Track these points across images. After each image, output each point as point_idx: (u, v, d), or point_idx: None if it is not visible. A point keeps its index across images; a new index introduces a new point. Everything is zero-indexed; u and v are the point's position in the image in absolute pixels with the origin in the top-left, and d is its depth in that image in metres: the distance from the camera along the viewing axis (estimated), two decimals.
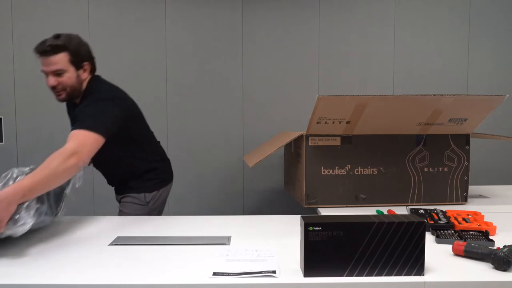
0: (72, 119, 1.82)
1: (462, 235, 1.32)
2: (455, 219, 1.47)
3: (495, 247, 1.12)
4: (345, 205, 1.80)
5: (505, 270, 1.05)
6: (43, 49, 1.61)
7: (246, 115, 2.83)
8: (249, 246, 1.26)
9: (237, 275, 1.03)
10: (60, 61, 1.62)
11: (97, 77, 1.79)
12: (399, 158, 1.81)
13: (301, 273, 1.04)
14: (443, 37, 2.96)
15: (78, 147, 1.43)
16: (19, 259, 1.17)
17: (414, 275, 1.02)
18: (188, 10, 2.88)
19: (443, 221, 1.45)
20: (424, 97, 1.70)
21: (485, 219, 1.49)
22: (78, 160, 1.40)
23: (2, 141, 2.85)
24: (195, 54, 2.89)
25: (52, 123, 2.86)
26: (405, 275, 1.02)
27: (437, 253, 1.19)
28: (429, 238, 1.32)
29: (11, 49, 2.82)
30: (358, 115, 1.69)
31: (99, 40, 2.87)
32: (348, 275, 1.02)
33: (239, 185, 2.95)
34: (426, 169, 1.82)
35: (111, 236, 1.38)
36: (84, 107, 1.62)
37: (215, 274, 1.04)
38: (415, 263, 1.02)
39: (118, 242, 1.33)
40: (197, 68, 2.88)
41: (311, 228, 1.01)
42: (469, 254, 1.14)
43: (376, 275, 1.01)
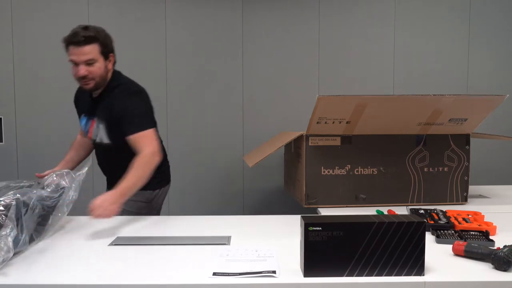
0: (86, 110, 1.85)
1: (462, 235, 1.32)
2: (455, 219, 1.47)
3: (495, 247, 1.12)
4: (345, 205, 1.80)
5: (505, 270, 1.05)
6: (78, 40, 1.66)
7: (246, 115, 2.83)
8: (249, 246, 1.26)
9: (237, 275, 1.03)
10: (92, 51, 1.68)
11: (117, 71, 1.86)
12: (399, 158, 1.81)
13: (301, 273, 1.04)
14: (443, 37, 2.95)
15: (152, 147, 1.64)
16: (18, 259, 1.17)
17: (414, 275, 1.02)
18: (188, 10, 2.88)
19: (443, 221, 1.45)
20: (424, 97, 1.70)
21: (485, 219, 1.49)
22: (158, 157, 1.65)
23: (2, 141, 2.85)
24: (195, 54, 2.89)
25: (52, 123, 2.86)
26: (405, 275, 1.02)
27: (437, 253, 1.19)
28: (429, 238, 1.31)
29: (11, 49, 2.82)
30: (358, 115, 1.69)
31: None
32: (348, 275, 1.02)
33: (239, 185, 2.95)
34: (426, 169, 1.82)
35: (111, 236, 1.38)
36: (122, 106, 1.71)
37: (215, 274, 1.04)
38: (415, 263, 1.02)
39: (118, 242, 1.33)
40: (197, 68, 2.88)
41: (311, 228, 1.01)
42: (469, 254, 1.14)
43: (376, 275, 1.01)
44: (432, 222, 1.44)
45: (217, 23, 2.90)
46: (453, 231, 1.36)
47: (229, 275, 1.03)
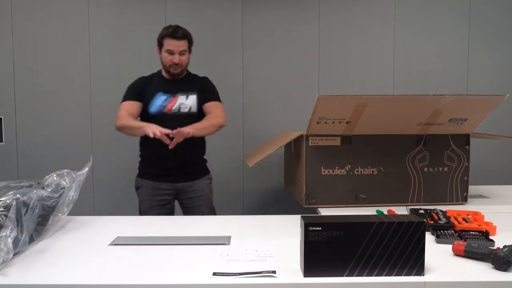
0: (164, 89, 2.23)
1: (462, 235, 1.31)
2: (455, 219, 1.47)
3: (495, 247, 1.12)
4: (345, 205, 1.79)
5: (505, 270, 1.05)
6: (177, 34, 2.16)
7: (246, 115, 2.83)
8: (249, 246, 1.26)
9: (237, 275, 1.03)
10: (184, 45, 2.18)
11: None
12: (399, 158, 1.81)
13: (301, 273, 1.04)
14: (443, 37, 2.96)
15: (224, 114, 2.25)
16: (18, 259, 1.17)
17: (414, 275, 1.02)
18: (188, 10, 2.88)
19: (443, 221, 1.44)
20: (424, 97, 1.70)
21: (485, 219, 1.49)
22: (224, 123, 2.23)
23: (2, 141, 2.85)
24: (195, 54, 2.87)
25: (52, 123, 2.86)
26: (405, 275, 1.02)
27: (437, 253, 1.19)
28: (429, 238, 1.31)
29: (11, 49, 2.82)
30: (358, 115, 1.69)
31: (99, 40, 2.87)
32: (348, 275, 1.02)
33: (239, 185, 2.95)
34: (426, 169, 1.82)
35: (111, 236, 1.38)
36: (209, 83, 2.32)
37: (215, 274, 1.04)
38: (415, 263, 1.02)
39: (118, 242, 1.32)
40: (197, 68, 2.87)
41: (311, 228, 1.01)
42: (469, 254, 1.14)
43: (376, 275, 1.01)
44: (432, 222, 1.44)
45: (217, 23, 2.90)
46: (453, 231, 1.36)
47: (229, 275, 1.03)
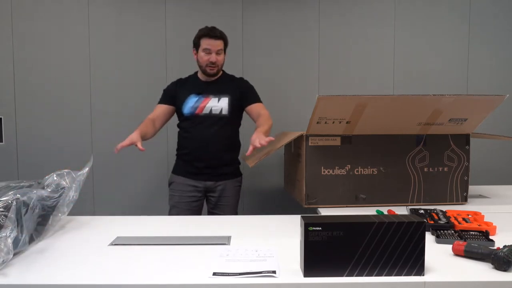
0: (197, 91, 2.28)
1: (462, 235, 1.32)
2: (455, 219, 1.47)
3: (495, 247, 1.12)
4: (345, 205, 1.79)
5: (505, 270, 1.05)
6: (215, 34, 2.22)
7: (246, 115, 2.82)
8: (249, 246, 1.26)
9: (237, 275, 1.03)
10: (221, 44, 2.24)
11: None
12: (399, 158, 1.81)
13: (301, 273, 1.04)
14: (443, 37, 2.95)
15: (268, 113, 2.25)
16: (18, 259, 1.17)
17: (414, 275, 1.02)
18: (188, 10, 2.88)
19: (443, 221, 1.45)
20: (424, 97, 1.70)
21: (485, 219, 1.49)
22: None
23: (2, 141, 2.85)
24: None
25: (52, 123, 2.86)
26: (405, 275, 1.02)
27: (437, 253, 1.19)
28: (429, 238, 1.31)
29: (11, 49, 2.82)
30: (358, 115, 1.69)
31: (99, 40, 2.87)
32: (348, 275, 1.02)
33: None
34: (426, 169, 1.82)
35: (111, 236, 1.38)
36: (248, 85, 2.38)
37: (215, 274, 1.04)
38: (415, 263, 1.02)
39: (118, 242, 1.33)
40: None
41: (311, 228, 1.01)
42: (469, 254, 1.14)
43: (376, 275, 1.01)
44: (432, 222, 1.44)
45: (217, 23, 2.89)
46: (453, 231, 1.36)
47: (229, 275, 1.03)
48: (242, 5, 2.89)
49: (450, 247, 1.20)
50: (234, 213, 2.36)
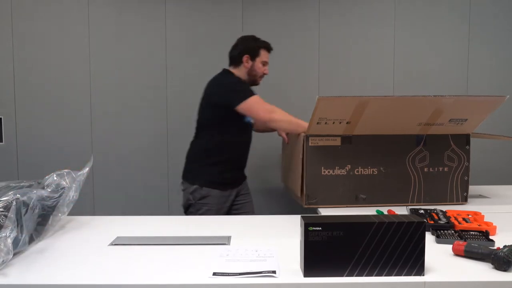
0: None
1: (462, 235, 1.32)
2: (455, 219, 1.47)
3: (495, 247, 1.12)
4: (345, 205, 1.79)
5: (505, 270, 1.05)
6: (271, 48, 2.33)
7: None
8: (249, 246, 1.26)
9: (237, 275, 1.03)
10: None
11: None
12: (399, 158, 1.81)
13: (301, 273, 1.04)
14: (443, 37, 2.95)
15: None
16: (18, 259, 1.17)
17: (414, 275, 1.02)
18: (188, 10, 2.88)
19: (443, 221, 1.45)
20: (424, 97, 1.70)
21: (485, 219, 1.49)
22: None
23: (2, 141, 2.85)
24: (195, 54, 2.89)
25: (52, 123, 2.86)
26: (405, 275, 1.02)
27: (437, 253, 1.19)
28: (429, 238, 1.31)
29: (11, 49, 2.82)
30: (358, 116, 1.69)
31: (99, 40, 2.87)
32: (348, 275, 1.02)
33: None
34: (426, 169, 1.82)
35: (111, 236, 1.38)
36: None
37: (215, 274, 1.04)
38: (415, 263, 1.02)
39: (118, 242, 1.32)
40: (197, 68, 2.88)
41: (311, 228, 1.01)
42: (469, 254, 1.14)
43: (376, 275, 1.01)
44: (432, 222, 1.44)
45: (217, 23, 2.90)
46: (453, 231, 1.36)
47: (229, 275, 1.03)
48: (242, 5, 2.89)
49: (450, 247, 1.20)
50: (253, 209, 2.47)
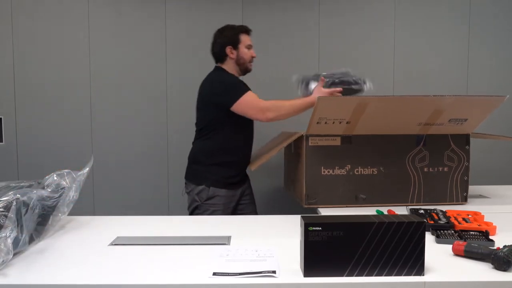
0: None
1: (462, 235, 1.32)
2: (455, 219, 1.47)
3: (495, 247, 1.12)
4: (345, 205, 1.79)
5: (505, 270, 1.05)
6: (249, 30, 2.27)
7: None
8: (249, 246, 1.26)
9: (237, 275, 1.03)
10: None
11: None
12: (399, 158, 1.81)
13: (301, 273, 1.04)
14: (443, 37, 2.95)
15: None
16: (18, 259, 1.17)
17: (414, 275, 1.02)
18: (188, 10, 2.88)
19: (443, 221, 1.45)
20: (424, 97, 1.70)
21: (485, 219, 1.49)
22: None
23: (2, 141, 2.85)
24: (195, 54, 2.89)
25: (52, 123, 2.86)
26: (405, 275, 1.02)
27: (437, 253, 1.19)
28: (429, 238, 1.31)
29: (11, 49, 2.82)
30: (358, 115, 1.69)
31: (99, 40, 2.87)
32: (348, 275, 1.02)
33: None
34: (426, 169, 1.82)
35: (111, 236, 1.38)
36: None
37: (215, 274, 1.04)
38: (415, 263, 1.02)
39: (118, 242, 1.33)
40: (197, 68, 2.87)
41: (311, 228, 1.01)
42: (469, 254, 1.14)
43: (376, 275, 1.01)
44: (432, 222, 1.44)
45: (217, 23, 2.89)
46: (453, 231, 1.36)
47: (229, 275, 1.03)
48: (242, 5, 2.89)
49: (450, 247, 1.20)
50: (255, 208, 2.43)
